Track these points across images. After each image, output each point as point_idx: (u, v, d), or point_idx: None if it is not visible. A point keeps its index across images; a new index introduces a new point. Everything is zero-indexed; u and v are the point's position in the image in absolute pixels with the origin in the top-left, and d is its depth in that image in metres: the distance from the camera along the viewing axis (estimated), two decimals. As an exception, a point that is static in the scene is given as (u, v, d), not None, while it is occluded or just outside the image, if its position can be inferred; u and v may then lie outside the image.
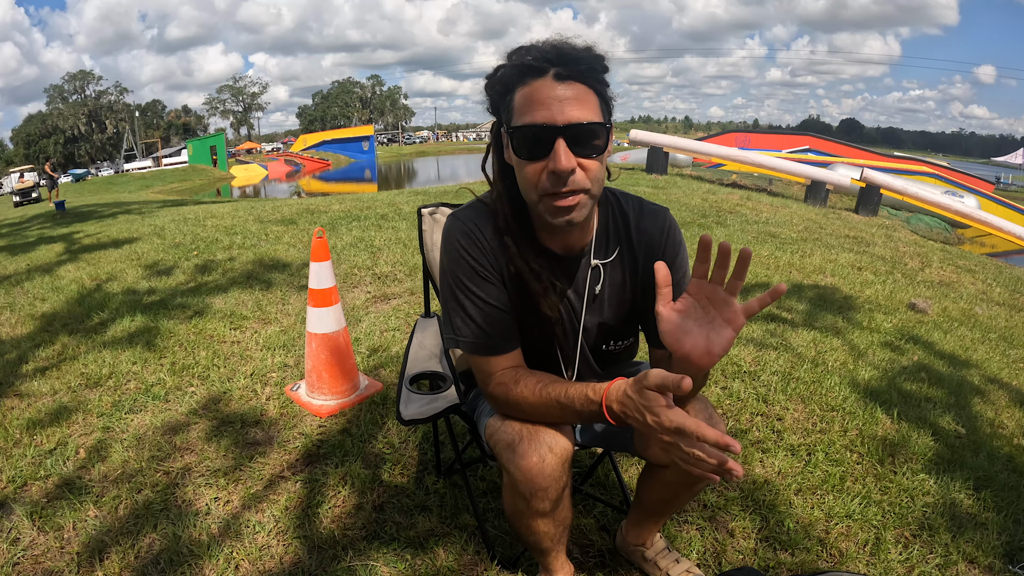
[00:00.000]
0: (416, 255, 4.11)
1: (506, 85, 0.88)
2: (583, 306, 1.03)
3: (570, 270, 1.01)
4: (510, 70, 0.87)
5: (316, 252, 2.02)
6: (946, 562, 1.38)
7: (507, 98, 0.88)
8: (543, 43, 0.87)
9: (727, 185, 10.55)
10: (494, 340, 0.98)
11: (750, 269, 4.06)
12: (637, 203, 1.04)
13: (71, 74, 58.58)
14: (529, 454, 0.93)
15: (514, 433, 0.95)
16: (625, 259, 1.03)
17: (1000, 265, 6.96)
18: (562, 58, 0.84)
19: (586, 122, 0.83)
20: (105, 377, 2.27)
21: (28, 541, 1.41)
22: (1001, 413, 2.23)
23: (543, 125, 0.83)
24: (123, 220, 7.15)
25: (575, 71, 0.84)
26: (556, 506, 1.00)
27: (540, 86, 0.84)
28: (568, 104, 0.83)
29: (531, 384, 0.94)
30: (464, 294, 0.97)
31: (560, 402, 0.91)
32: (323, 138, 39.89)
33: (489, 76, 0.92)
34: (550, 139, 0.83)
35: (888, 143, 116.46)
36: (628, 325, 1.09)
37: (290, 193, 23.73)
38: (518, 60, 0.87)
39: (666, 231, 1.02)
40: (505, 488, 1.03)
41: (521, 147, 0.87)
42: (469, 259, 0.97)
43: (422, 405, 1.20)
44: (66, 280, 3.81)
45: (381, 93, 79.44)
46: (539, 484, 0.94)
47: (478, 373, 1.02)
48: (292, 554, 1.37)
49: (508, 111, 0.89)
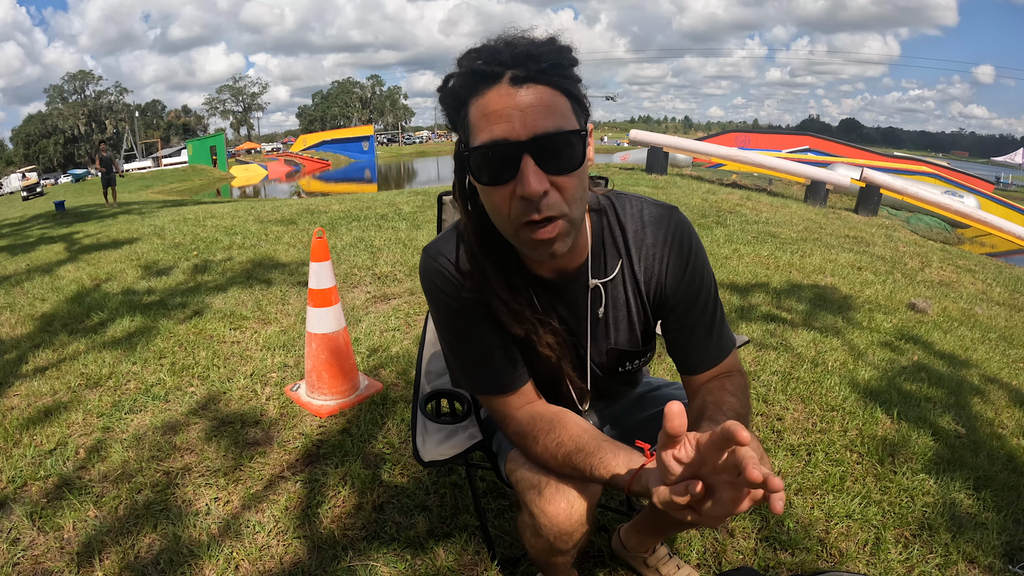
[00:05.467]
0: (416, 255, 4.11)
1: (459, 98, 0.72)
2: (587, 334, 0.92)
3: (566, 296, 0.89)
4: (461, 79, 0.72)
5: (316, 252, 2.02)
6: (946, 562, 1.38)
7: (461, 113, 0.73)
8: (496, 41, 0.72)
9: (727, 185, 10.55)
10: (495, 378, 0.89)
11: (750, 269, 4.07)
12: (637, 207, 0.88)
13: (71, 74, 58.74)
14: (557, 500, 0.84)
15: (540, 476, 0.86)
16: (627, 274, 0.90)
17: (1000, 265, 6.96)
18: (517, 57, 0.69)
19: (555, 131, 0.68)
20: (105, 377, 2.27)
21: (28, 541, 1.41)
22: (1001, 413, 2.23)
23: (504, 141, 0.68)
24: (123, 220, 7.15)
25: (535, 71, 0.68)
26: (578, 545, 0.93)
27: (495, 95, 0.69)
28: (531, 112, 0.68)
29: (551, 445, 0.84)
30: (454, 336, 0.89)
31: (585, 476, 0.82)
32: (323, 138, 39.87)
33: (440, 88, 0.75)
34: (514, 157, 0.69)
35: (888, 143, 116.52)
36: (643, 343, 0.97)
37: (290, 193, 23.70)
38: (468, 66, 0.71)
39: (670, 236, 0.87)
40: (526, 525, 0.93)
41: (481, 170, 0.72)
42: (449, 300, 0.86)
43: (440, 441, 1.11)
44: (66, 280, 3.81)
45: (381, 93, 79.45)
46: (565, 529, 0.86)
47: (492, 412, 0.94)
48: (292, 554, 1.37)
49: (464, 127, 0.73)
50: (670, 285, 0.88)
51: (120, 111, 57.91)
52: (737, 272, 3.99)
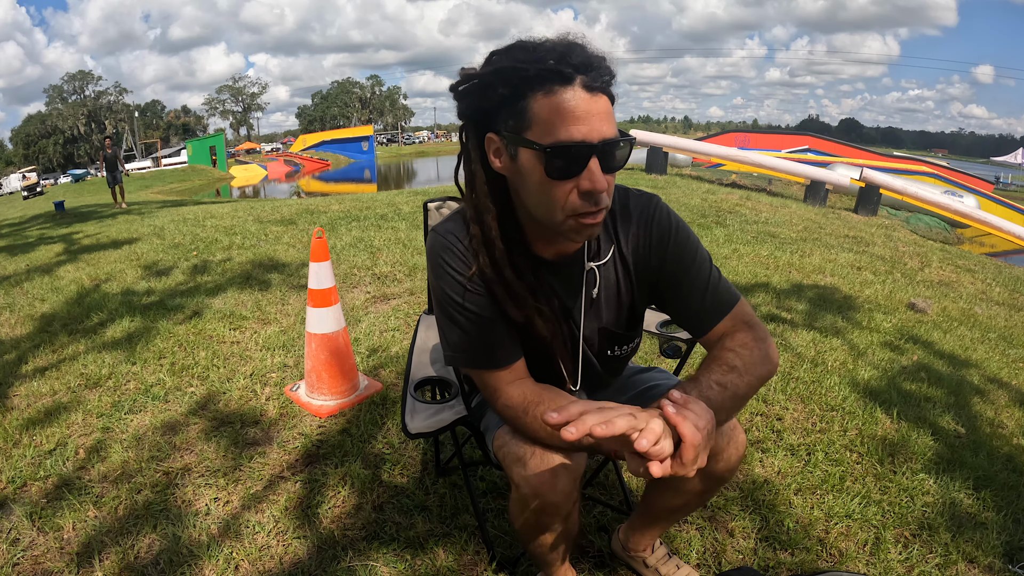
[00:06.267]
0: (415, 255, 4.12)
1: (515, 88, 0.77)
2: (581, 313, 0.99)
3: (564, 276, 0.97)
4: (524, 72, 0.76)
5: (316, 252, 2.02)
6: (946, 562, 1.38)
7: (519, 105, 0.78)
8: (559, 43, 0.78)
9: (727, 185, 10.56)
10: (492, 353, 0.94)
11: (750, 269, 4.08)
12: (623, 195, 0.97)
13: (70, 74, 58.64)
14: (541, 470, 0.89)
15: (525, 447, 0.91)
16: (618, 259, 0.98)
17: (1000, 265, 6.96)
18: (587, 66, 0.76)
19: (617, 138, 0.78)
20: (104, 377, 2.27)
21: (28, 541, 1.40)
22: (1001, 413, 2.23)
23: (582, 143, 0.76)
24: (123, 220, 7.15)
25: (602, 82, 0.77)
26: (566, 520, 0.98)
27: (571, 97, 0.76)
28: (601, 119, 0.77)
29: (540, 415, 0.88)
30: (455, 309, 0.93)
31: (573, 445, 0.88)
32: (322, 138, 39.85)
33: (479, 74, 0.80)
34: (585, 157, 0.77)
35: (887, 143, 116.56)
36: (630, 327, 1.05)
37: (290, 193, 23.71)
38: (536, 63, 0.76)
39: (653, 219, 0.95)
40: (513, 501, 0.99)
41: (553, 166, 0.78)
42: (456, 275, 0.92)
43: (428, 416, 1.18)
44: (66, 280, 3.81)
45: (380, 93, 79.42)
46: (550, 499, 0.91)
47: (483, 388, 0.98)
48: (292, 554, 1.37)
49: (521, 120, 0.78)
50: (656, 263, 0.96)
51: (120, 111, 57.86)
52: (737, 272, 4.00)
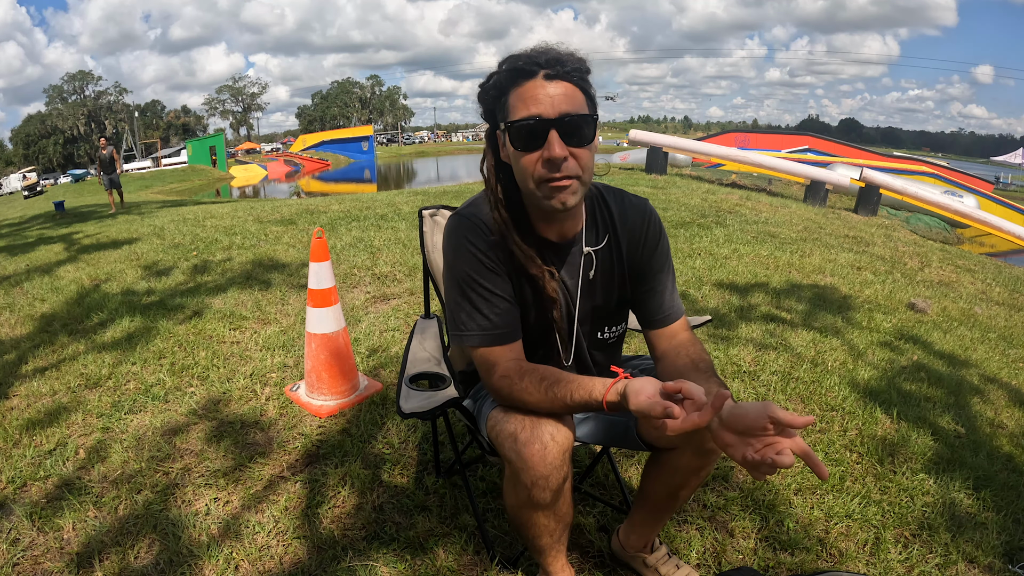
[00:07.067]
0: (415, 255, 4.12)
1: (500, 89, 0.97)
2: (578, 291, 1.10)
3: (564, 256, 1.09)
4: (503, 75, 0.96)
5: (315, 252, 2.02)
6: (946, 562, 1.38)
7: (501, 100, 0.97)
8: (531, 50, 0.96)
9: (726, 185, 10.56)
10: (500, 331, 1.03)
11: (750, 269, 4.07)
12: (619, 194, 1.13)
13: (70, 74, 58.65)
14: (531, 442, 0.96)
15: (516, 423, 0.98)
16: (613, 246, 1.11)
17: (1000, 265, 6.97)
18: (550, 61, 0.93)
19: (575, 114, 0.92)
20: (104, 378, 2.27)
21: (28, 542, 1.40)
22: (1001, 413, 2.23)
23: (538, 118, 0.92)
24: (122, 220, 7.15)
25: (562, 71, 0.93)
26: (557, 498, 1.02)
27: (532, 85, 0.93)
28: (558, 100, 0.92)
29: (535, 380, 0.97)
30: (471, 287, 1.02)
31: (565, 403, 0.95)
32: (322, 138, 39.87)
33: (483, 84, 1.01)
34: (544, 131, 0.92)
35: (887, 143, 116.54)
36: (619, 310, 1.17)
37: (289, 193, 23.71)
38: (510, 65, 0.95)
39: (647, 220, 1.12)
40: (507, 480, 1.05)
41: (517, 139, 0.95)
42: (476, 251, 1.02)
43: (421, 400, 1.21)
44: (65, 280, 3.81)
45: (380, 93, 79.41)
46: (540, 472, 0.96)
47: (482, 365, 1.05)
48: (292, 554, 1.37)
49: (504, 111, 0.97)
50: (646, 255, 1.12)
51: (120, 111, 57.84)
52: (737, 272, 3.99)
